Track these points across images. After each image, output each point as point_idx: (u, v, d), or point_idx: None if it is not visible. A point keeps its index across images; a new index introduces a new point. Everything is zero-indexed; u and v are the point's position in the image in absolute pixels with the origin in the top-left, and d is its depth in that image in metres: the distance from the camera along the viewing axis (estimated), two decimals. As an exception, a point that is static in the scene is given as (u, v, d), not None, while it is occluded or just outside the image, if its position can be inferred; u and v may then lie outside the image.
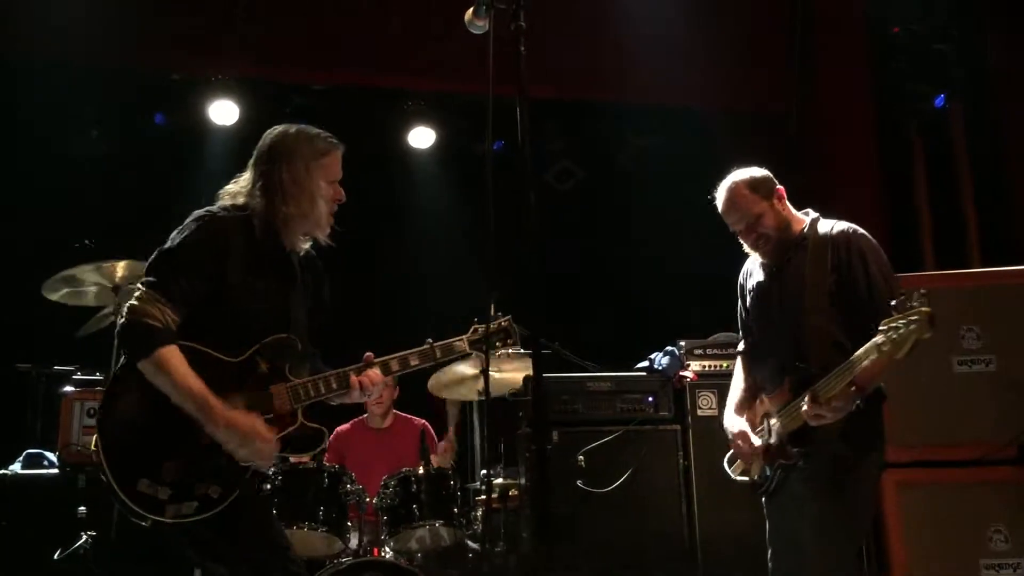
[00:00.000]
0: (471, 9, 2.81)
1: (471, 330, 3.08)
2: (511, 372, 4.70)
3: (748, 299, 3.52)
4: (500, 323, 3.09)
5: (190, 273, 2.69)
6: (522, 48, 2.63)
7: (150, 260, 2.73)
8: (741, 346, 3.60)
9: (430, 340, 3.03)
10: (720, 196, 3.40)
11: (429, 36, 6.08)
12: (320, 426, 2.87)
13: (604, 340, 5.87)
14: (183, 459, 2.65)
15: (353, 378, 2.90)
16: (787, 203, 3.39)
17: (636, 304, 6.74)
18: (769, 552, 3.37)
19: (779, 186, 3.37)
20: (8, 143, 5.98)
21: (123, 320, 2.65)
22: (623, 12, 6.17)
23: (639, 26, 6.12)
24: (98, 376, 5.04)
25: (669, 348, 4.83)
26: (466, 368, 4.76)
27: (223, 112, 6.36)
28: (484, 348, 3.04)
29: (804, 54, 6.66)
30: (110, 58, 6.04)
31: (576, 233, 6.96)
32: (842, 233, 3.27)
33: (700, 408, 4.65)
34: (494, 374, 4.48)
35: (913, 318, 2.79)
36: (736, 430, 3.43)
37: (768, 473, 3.32)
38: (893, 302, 2.85)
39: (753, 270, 3.51)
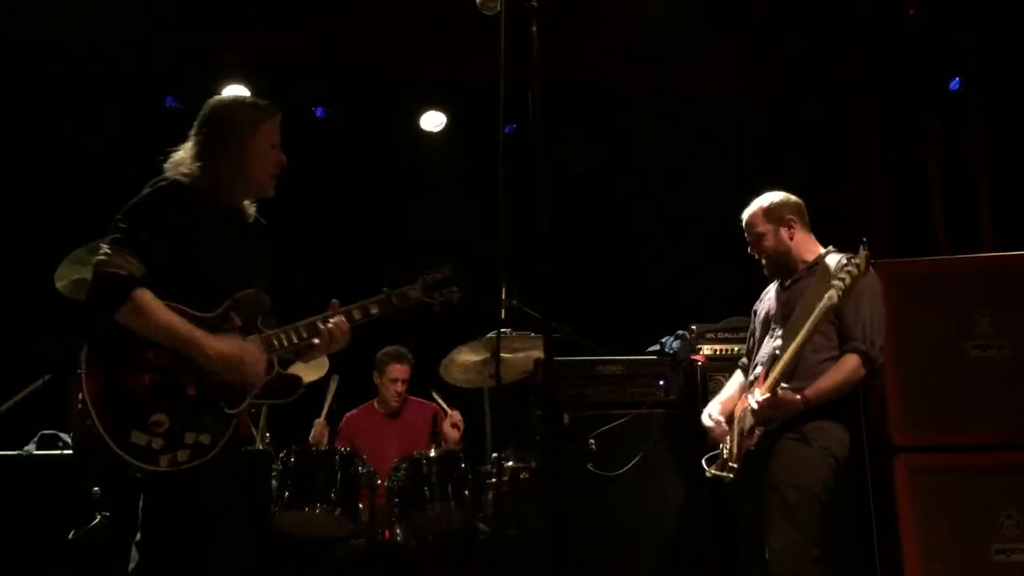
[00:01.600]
0: (484, -10, 2.79)
1: (420, 279, 3.26)
2: (523, 355, 4.71)
3: (756, 318, 3.89)
4: (445, 271, 3.30)
5: (149, 227, 2.77)
6: (534, 29, 2.62)
7: (111, 225, 2.81)
8: (743, 360, 3.93)
9: (386, 288, 3.19)
10: (744, 212, 3.86)
11: (441, 17, 6.06)
12: (296, 374, 3.00)
13: (615, 323, 5.86)
14: (171, 409, 2.73)
15: (321, 326, 3.00)
16: (800, 231, 3.77)
17: (647, 288, 6.74)
18: (741, 542, 3.61)
19: (791, 215, 3.76)
20: (21, 130, 6.00)
21: (94, 275, 2.73)
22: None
23: (648, 12, 6.08)
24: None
25: (680, 332, 4.82)
26: (472, 354, 4.77)
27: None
28: (437, 298, 3.29)
29: (816, 38, 6.62)
30: (120, 42, 6.03)
31: (588, 217, 6.94)
32: (845, 262, 3.51)
33: (711, 392, 4.63)
34: (505, 357, 4.49)
35: (856, 261, 3.32)
36: (706, 411, 3.84)
37: (735, 466, 3.63)
38: (843, 260, 3.43)
39: (768, 294, 3.87)
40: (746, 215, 3.87)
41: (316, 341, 3.01)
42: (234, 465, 2.94)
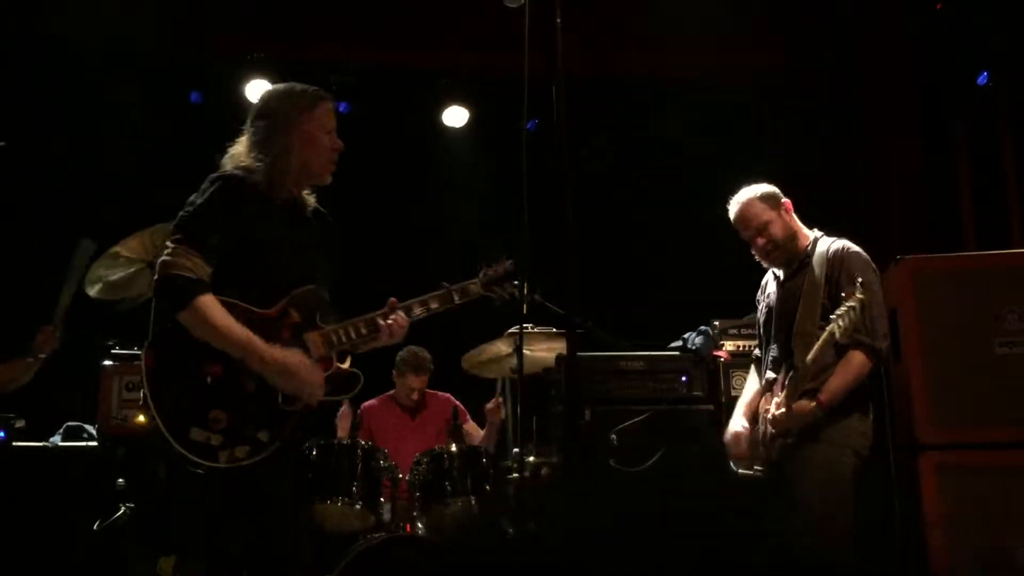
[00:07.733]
0: (507, -16, 2.79)
1: (480, 273, 3.22)
2: (544, 351, 4.70)
3: (761, 309, 3.90)
4: (505, 266, 3.22)
5: (214, 227, 2.79)
6: (558, 20, 2.61)
7: (175, 223, 2.82)
8: (755, 352, 3.95)
9: (445, 284, 3.15)
10: (732, 209, 3.81)
11: (464, 12, 6.05)
12: (356, 370, 2.99)
13: (637, 319, 5.84)
14: (230, 406, 2.75)
15: (380, 322, 3.01)
16: (794, 216, 3.78)
17: (670, 283, 6.70)
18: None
19: (785, 200, 3.78)
20: (46, 122, 6.05)
21: (158, 276, 2.74)
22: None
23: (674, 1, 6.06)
24: (136, 351, 5.08)
25: (703, 327, 4.80)
26: (501, 346, 4.77)
27: (259, 91, 6.38)
28: (498, 292, 3.22)
29: (844, 31, 6.56)
30: (146, 36, 6.08)
31: (611, 212, 6.91)
32: (836, 252, 3.65)
33: (734, 388, 4.62)
34: (528, 353, 4.48)
35: (850, 304, 3.32)
36: (730, 434, 3.86)
37: (760, 469, 3.68)
38: (843, 294, 3.41)
39: (768, 283, 3.90)
40: (739, 211, 3.79)
41: (375, 337, 3.02)
42: (293, 461, 2.99)
